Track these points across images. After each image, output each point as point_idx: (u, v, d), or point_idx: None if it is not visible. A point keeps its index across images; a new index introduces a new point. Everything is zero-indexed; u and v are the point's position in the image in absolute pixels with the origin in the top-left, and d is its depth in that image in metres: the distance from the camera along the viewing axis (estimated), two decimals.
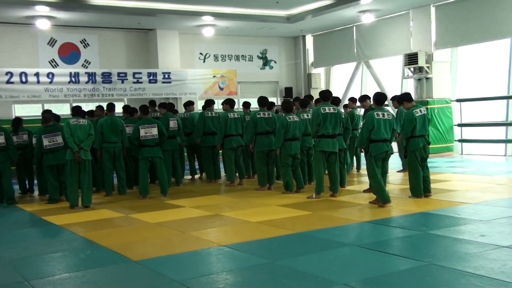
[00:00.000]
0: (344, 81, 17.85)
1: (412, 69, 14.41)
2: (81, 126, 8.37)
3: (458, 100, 14.58)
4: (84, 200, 8.32)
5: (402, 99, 8.11)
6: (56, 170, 8.86)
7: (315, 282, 4.25)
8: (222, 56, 17.47)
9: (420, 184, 7.75)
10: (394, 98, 11.28)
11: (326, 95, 8.40)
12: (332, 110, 8.15)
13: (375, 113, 7.41)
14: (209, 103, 11.01)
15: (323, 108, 8.10)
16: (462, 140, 14.65)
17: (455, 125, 14.51)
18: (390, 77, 16.36)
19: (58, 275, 4.80)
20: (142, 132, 8.93)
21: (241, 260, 5.05)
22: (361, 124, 9.28)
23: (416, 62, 13.99)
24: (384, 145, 7.35)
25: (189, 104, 11.51)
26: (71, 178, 8.36)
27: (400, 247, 5.40)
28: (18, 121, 10.02)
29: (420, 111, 7.84)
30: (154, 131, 9.01)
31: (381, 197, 7.33)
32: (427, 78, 14.26)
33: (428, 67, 14.11)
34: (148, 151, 8.99)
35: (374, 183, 7.43)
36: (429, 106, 13.62)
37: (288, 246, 5.48)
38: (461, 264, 4.52)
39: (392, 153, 7.53)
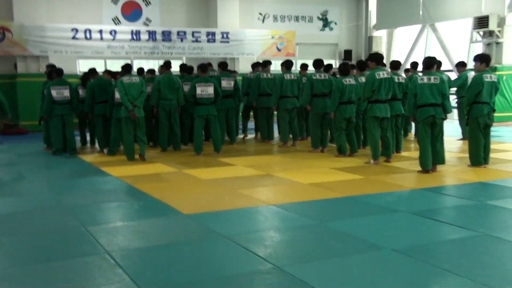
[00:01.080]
0: (406, 45, 17.18)
1: (481, 33, 13.62)
2: (134, 84, 8.55)
3: None
4: (141, 150, 8.62)
5: (479, 59, 7.61)
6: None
7: (362, 246, 4.21)
8: (281, 17, 17.18)
9: (480, 153, 7.45)
10: (458, 64, 10.86)
11: (379, 58, 8.09)
12: (386, 75, 7.89)
13: (419, 78, 7.17)
14: (265, 64, 10.93)
15: (377, 74, 7.84)
16: None
17: None
18: (456, 41, 15.57)
19: (112, 223, 5.01)
20: (198, 90, 9.00)
21: (289, 219, 5.07)
22: None
23: (487, 26, 13.19)
24: (431, 109, 7.05)
25: (256, 66, 11.46)
26: (126, 134, 8.62)
27: (454, 216, 5.23)
28: (87, 75, 10.32)
29: (491, 77, 7.46)
30: (210, 90, 9.06)
31: (422, 163, 7.20)
32: (497, 43, 13.46)
33: (499, 31, 13.29)
34: (204, 109, 9.08)
35: (420, 149, 7.25)
36: (497, 73, 12.90)
37: (338, 209, 5.44)
38: None
39: (442, 118, 7.17)
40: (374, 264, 3.81)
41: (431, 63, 7.27)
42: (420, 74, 8.09)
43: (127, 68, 8.90)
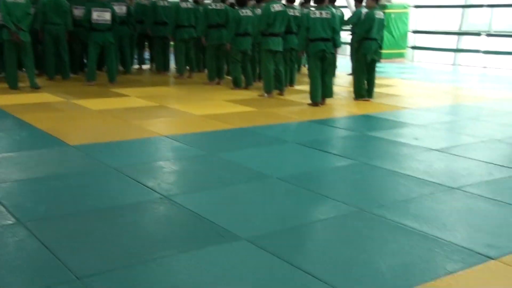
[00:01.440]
0: None
1: None
2: (18, 4, 7.83)
3: (416, 6, 14.48)
4: (31, 82, 8.09)
5: None
6: None
7: (250, 175, 4.34)
8: None
9: (363, 87, 7.89)
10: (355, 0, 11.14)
11: None
12: (280, 8, 7.93)
13: (311, 12, 7.34)
14: None
15: (272, 6, 7.84)
16: (414, 47, 14.77)
17: (410, 31, 14.52)
18: None
19: None
20: (94, 15, 8.48)
21: (179, 150, 5.08)
22: None
23: None
24: (322, 44, 7.27)
25: None
26: (9, 60, 7.99)
27: (337, 146, 5.56)
28: None
29: (379, 14, 7.79)
30: (107, 15, 8.60)
31: (312, 96, 7.46)
32: None
33: None
34: (100, 35, 8.64)
35: (310, 82, 7.49)
36: (386, 11, 13.44)
37: (229, 140, 5.54)
38: (391, 164, 4.71)
39: (331, 53, 7.44)
40: (259, 192, 3.97)
41: None
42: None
43: None
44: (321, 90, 7.45)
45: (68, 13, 9.06)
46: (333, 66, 7.74)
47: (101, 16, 8.54)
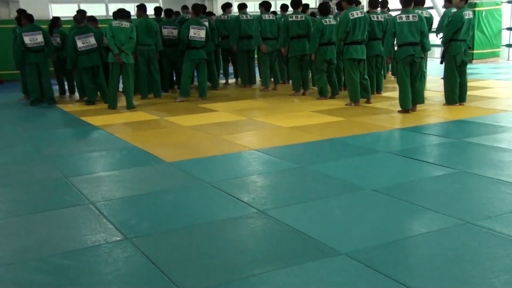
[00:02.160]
0: None
1: None
2: (122, 29, 8.33)
3: (510, 2, 13.65)
4: (128, 103, 8.52)
5: None
6: (92, 72, 8.97)
7: (343, 187, 4.29)
8: None
9: (455, 91, 7.53)
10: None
11: None
12: (360, 14, 7.78)
13: (397, 16, 7.10)
14: (242, 6, 10.67)
15: (351, 14, 7.71)
16: (510, 45, 13.91)
17: (504, 28, 13.71)
18: None
19: (95, 173, 5.01)
20: (191, 32, 8.83)
21: (271, 164, 5.12)
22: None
23: None
24: (410, 49, 7.03)
25: (228, 6, 11.16)
26: (112, 81, 8.50)
27: (433, 154, 5.34)
28: (54, 21, 9.97)
29: (468, 14, 7.43)
30: (202, 33, 8.92)
31: (402, 103, 7.21)
32: None
33: None
34: (195, 53, 8.96)
35: (399, 88, 7.27)
36: (476, 9, 12.81)
37: (319, 152, 5.50)
38: (493, 172, 4.45)
39: (421, 57, 7.17)
40: (355, 205, 3.90)
41: (408, 1, 7.17)
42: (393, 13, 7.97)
43: (120, 13, 8.61)
44: (412, 96, 7.21)
45: (158, 34, 9.47)
46: (423, 70, 7.45)
47: (197, 33, 8.87)
